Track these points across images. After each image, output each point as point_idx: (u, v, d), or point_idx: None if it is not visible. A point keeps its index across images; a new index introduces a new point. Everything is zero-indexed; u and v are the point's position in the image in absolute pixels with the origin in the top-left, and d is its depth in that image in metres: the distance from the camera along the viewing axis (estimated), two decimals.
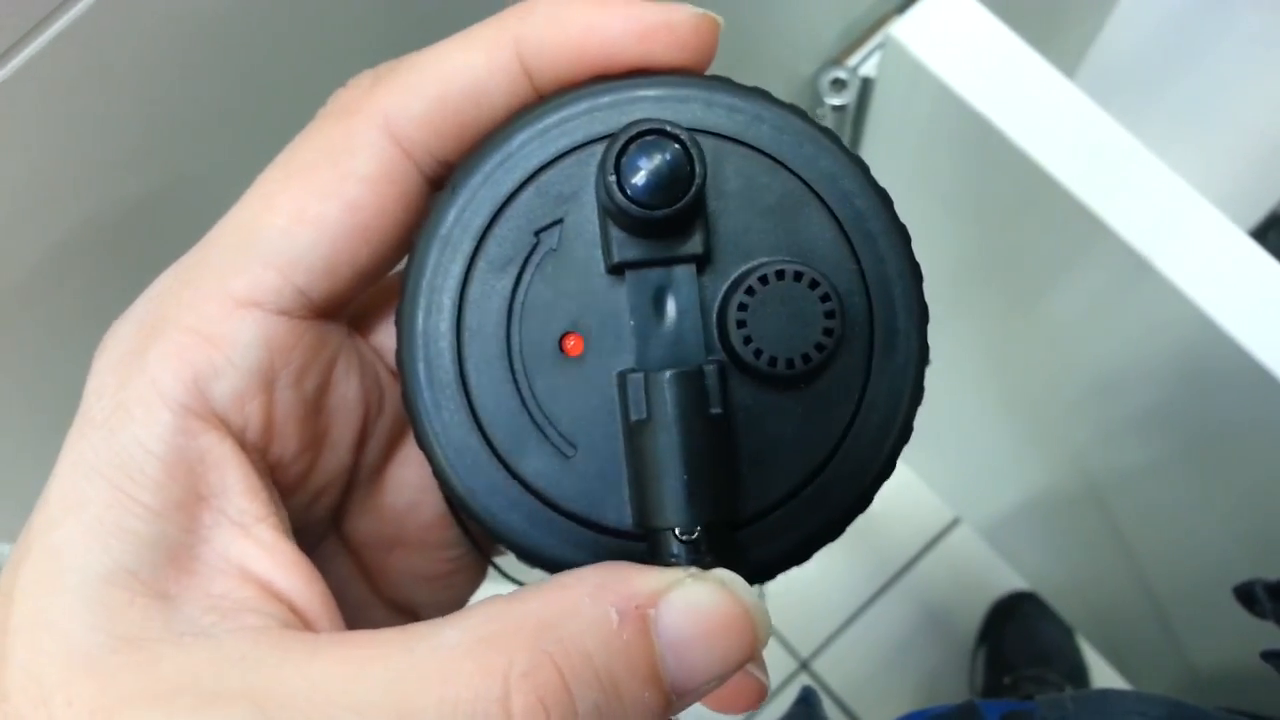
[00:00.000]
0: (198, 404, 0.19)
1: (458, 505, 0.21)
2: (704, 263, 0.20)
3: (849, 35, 0.65)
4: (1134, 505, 0.81)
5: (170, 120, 0.33)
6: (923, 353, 0.21)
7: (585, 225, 0.20)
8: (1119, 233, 0.55)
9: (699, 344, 0.20)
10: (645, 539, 0.20)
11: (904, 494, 1.20)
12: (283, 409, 0.21)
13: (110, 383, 0.20)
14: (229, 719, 0.17)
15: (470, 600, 0.28)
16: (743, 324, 0.20)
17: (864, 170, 0.21)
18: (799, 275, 0.19)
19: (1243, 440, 0.63)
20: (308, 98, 0.22)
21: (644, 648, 0.18)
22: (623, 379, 0.20)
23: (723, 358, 0.20)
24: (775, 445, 0.20)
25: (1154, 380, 0.65)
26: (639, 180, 0.18)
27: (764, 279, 0.20)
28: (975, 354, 0.86)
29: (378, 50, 0.22)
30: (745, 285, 0.20)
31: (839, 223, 0.21)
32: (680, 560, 0.19)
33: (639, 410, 0.19)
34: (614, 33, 0.20)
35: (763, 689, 0.20)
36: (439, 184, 0.21)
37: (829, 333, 0.19)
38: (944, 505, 1.23)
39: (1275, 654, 0.43)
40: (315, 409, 0.22)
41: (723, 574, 0.19)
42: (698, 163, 0.19)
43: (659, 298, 0.20)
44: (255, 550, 0.20)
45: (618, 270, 0.20)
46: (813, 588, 1.22)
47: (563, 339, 0.20)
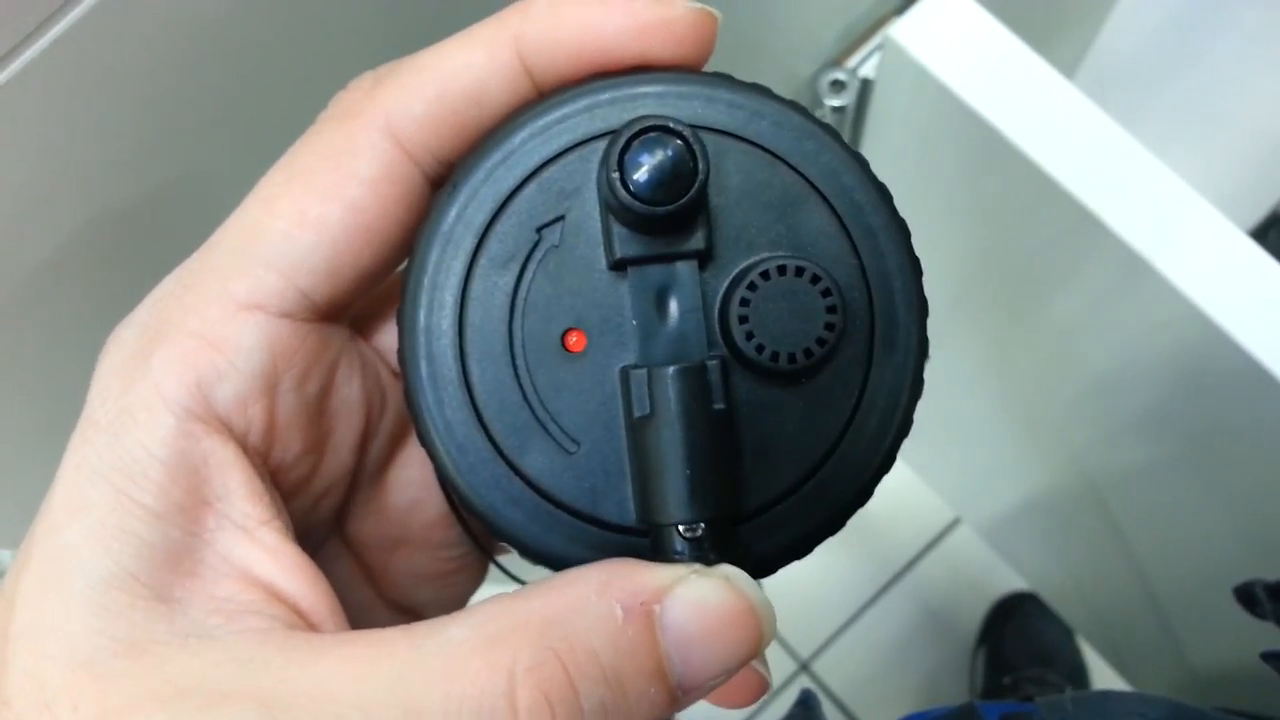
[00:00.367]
0: (201, 408, 0.20)
1: (460, 502, 0.21)
2: (706, 258, 0.20)
3: (848, 36, 0.65)
4: (1134, 505, 0.81)
5: (172, 123, 0.33)
6: (922, 347, 0.21)
7: (587, 222, 0.20)
8: (1118, 233, 0.55)
9: (701, 340, 0.20)
10: (648, 535, 0.20)
11: (904, 494, 1.20)
12: (285, 412, 0.21)
13: (114, 387, 0.20)
14: (236, 719, 0.17)
15: (472, 599, 0.28)
16: (745, 319, 0.20)
17: (863, 165, 0.21)
18: (800, 270, 0.20)
19: (1243, 440, 0.63)
20: (309, 100, 0.22)
21: (649, 644, 0.18)
22: (625, 375, 0.20)
23: (725, 353, 0.20)
24: (777, 440, 0.20)
25: (1154, 380, 0.65)
26: (642, 176, 0.19)
27: (765, 274, 0.20)
28: (976, 354, 0.86)
29: (378, 51, 0.22)
30: (747, 281, 0.20)
31: (839, 218, 0.21)
32: (684, 556, 0.19)
33: (642, 406, 0.19)
34: (613, 29, 0.20)
35: (764, 684, 0.20)
36: (440, 184, 0.21)
37: (830, 327, 0.20)
38: (944, 505, 1.23)
39: (1275, 655, 0.43)
40: (318, 412, 0.22)
41: (727, 570, 0.19)
42: (700, 159, 0.19)
43: (661, 294, 0.20)
44: (259, 553, 0.20)
45: (620, 266, 0.20)
46: (813, 588, 1.22)
47: (565, 335, 0.20)
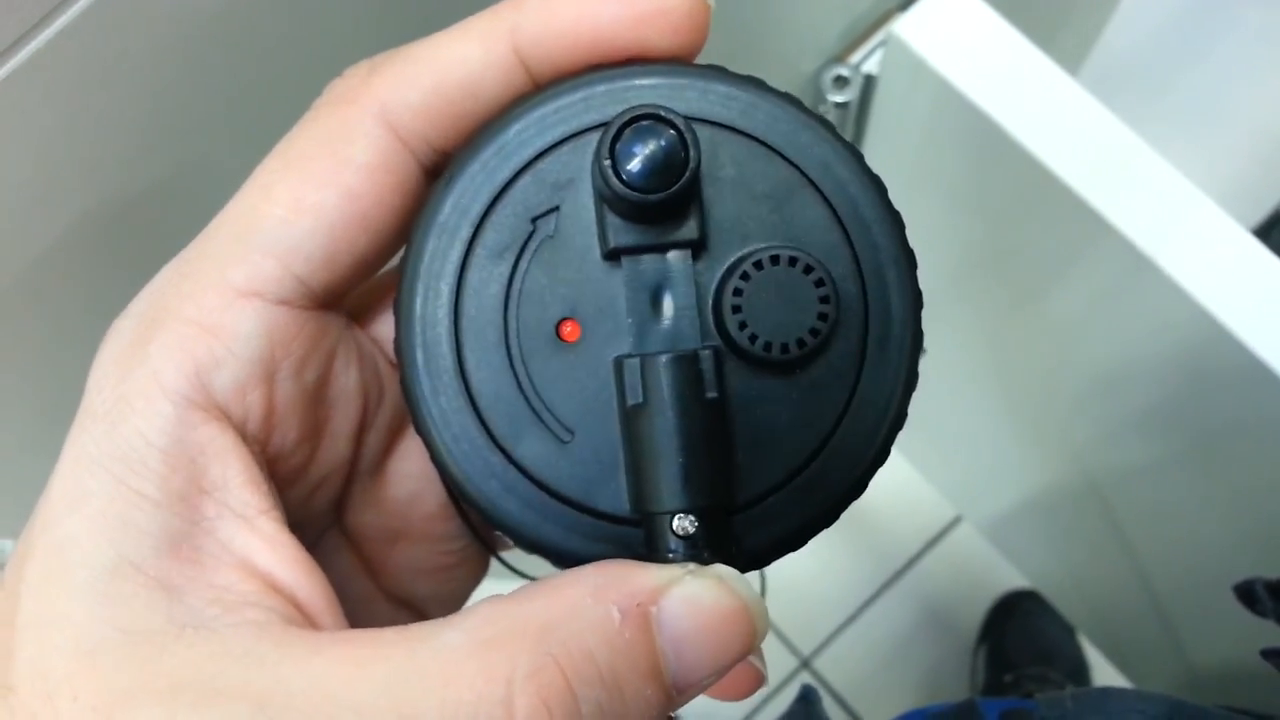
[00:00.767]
0: (199, 395, 0.20)
1: (455, 491, 0.21)
2: (699, 248, 0.20)
3: (851, 32, 0.65)
4: (1135, 503, 0.81)
5: (172, 115, 0.34)
6: (917, 339, 0.21)
7: (582, 212, 0.20)
8: (1122, 230, 0.55)
9: (694, 329, 0.20)
10: (642, 524, 0.20)
11: (905, 491, 1.20)
12: (283, 399, 0.21)
13: (112, 375, 0.20)
14: (230, 717, 0.17)
15: (473, 594, 0.28)
16: (738, 309, 0.20)
17: (858, 158, 0.21)
18: (794, 260, 0.20)
19: (1245, 439, 0.63)
20: (308, 91, 0.22)
21: (646, 645, 0.18)
22: (619, 364, 0.20)
23: (718, 343, 0.20)
24: (771, 430, 0.20)
25: (1156, 378, 0.65)
26: (634, 165, 0.19)
27: (759, 264, 0.20)
28: (977, 351, 0.86)
29: (376, 43, 0.22)
30: (740, 270, 0.20)
31: (833, 209, 0.21)
32: (678, 555, 0.19)
33: (635, 395, 0.19)
34: (607, 19, 0.20)
35: (760, 678, 0.20)
36: (436, 174, 0.21)
37: (824, 318, 0.20)
38: (945, 503, 1.23)
39: (1275, 652, 0.43)
40: (315, 400, 0.22)
41: (721, 569, 0.19)
42: (692, 148, 0.19)
43: (655, 283, 0.20)
44: (258, 542, 0.20)
45: (614, 256, 0.20)
46: (813, 585, 1.22)
47: (560, 325, 0.20)
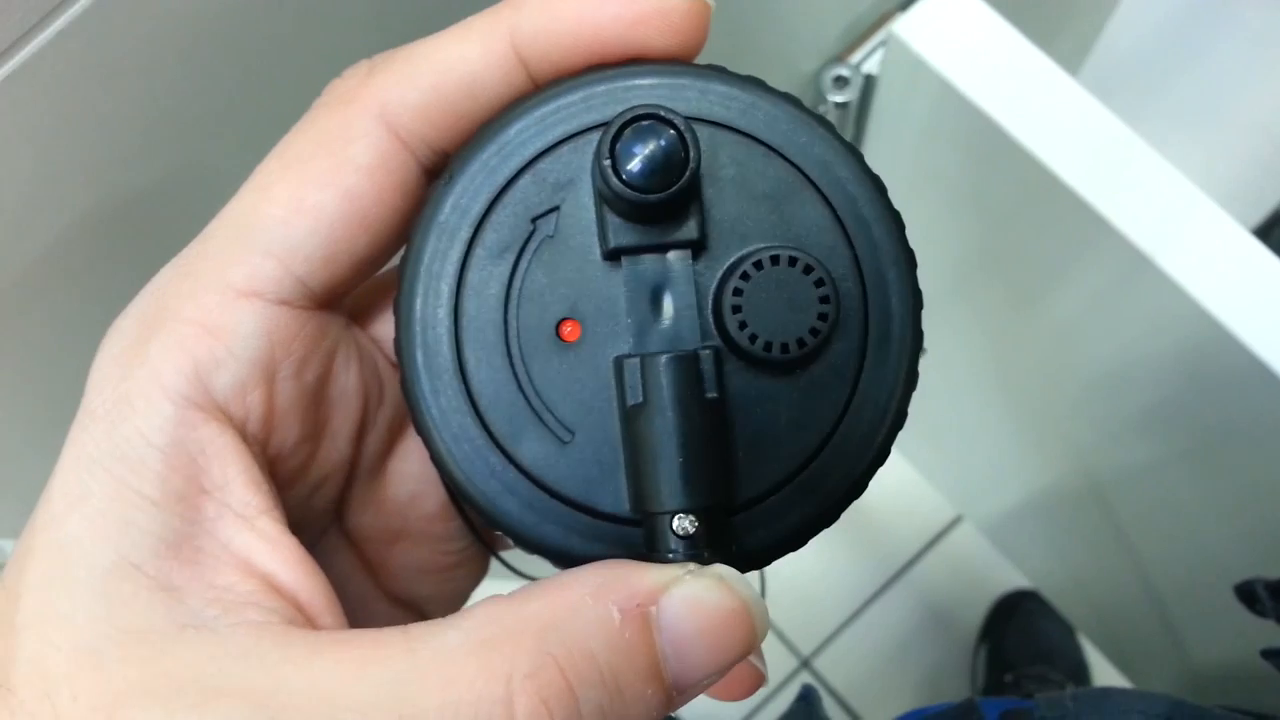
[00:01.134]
0: (199, 395, 0.19)
1: (455, 491, 0.21)
2: (699, 248, 0.20)
3: (852, 32, 0.65)
4: (1136, 503, 0.81)
5: (171, 115, 0.34)
6: (917, 339, 0.21)
7: (582, 212, 0.20)
8: (1122, 230, 0.55)
9: (695, 329, 0.20)
10: (642, 524, 0.20)
11: (905, 491, 1.20)
12: (283, 400, 0.21)
13: (112, 375, 0.20)
14: (230, 717, 0.17)
15: (473, 594, 0.28)
16: (738, 309, 0.20)
17: (858, 157, 0.21)
18: (794, 260, 0.20)
19: (1245, 438, 0.63)
20: (307, 91, 0.22)
21: (646, 645, 0.18)
22: (619, 364, 0.20)
23: (718, 343, 0.20)
24: (771, 430, 0.20)
25: (1156, 378, 0.65)
26: (634, 165, 0.19)
27: (759, 264, 0.20)
28: (977, 351, 0.86)
29: (376, 43, 0.22)
30: (740, 270, 0.20)
31: (833, 209, 0.21)
32: (678, 555, 0.19)
33: (635, 395, 0.19)
34: (607, 20, 0.20)
35: (760, 677, 0.20)
36: (436, 174, 0.21)
37: (824, 318, 0.19)
38: (946, 503, 1.23)
39: (1276, 652, 0.43)
40: (316, 400, 0.22)
41: (721, 569, 0.19)
42: (692, 147, 0.19)
43: (655, 283, 0.20)
44: (258, 543, 0.20)
45: (614, 256, 0.20)
46: (814, 586, 1.22)
47: (560, 325, 0.20)
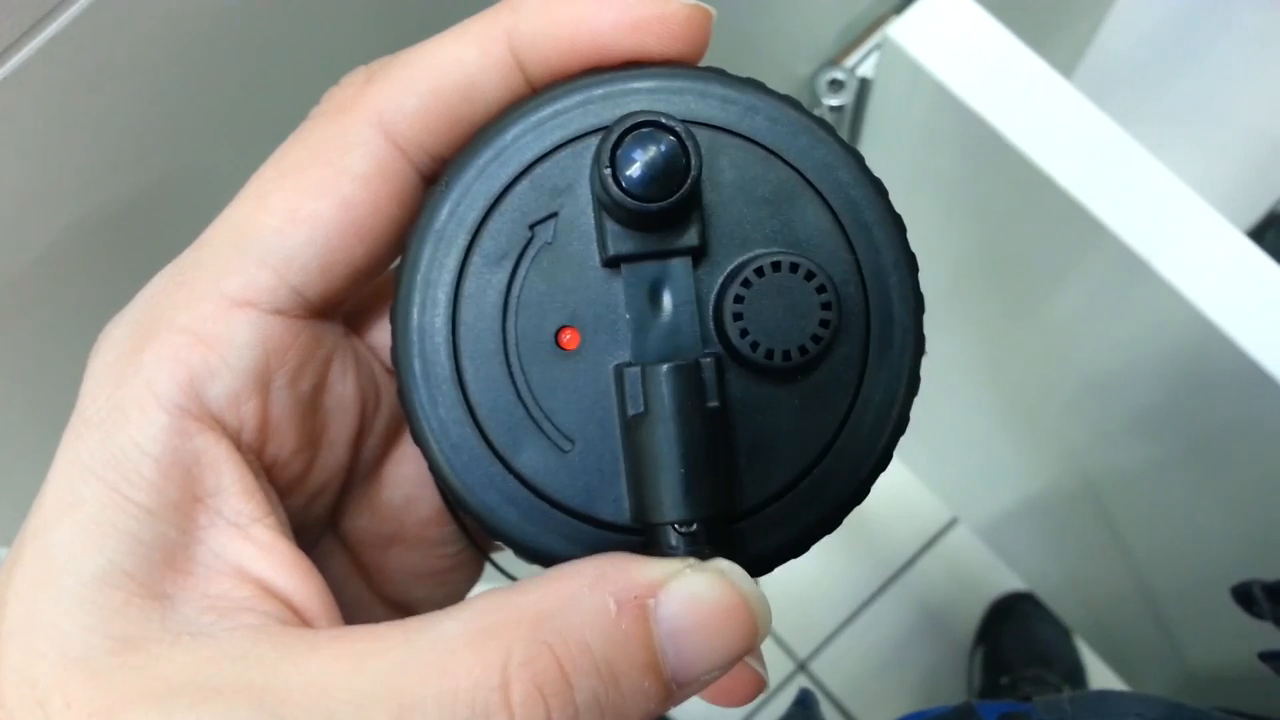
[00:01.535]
0: (193, 405, 0.19)
1: (454, 501, 0.21)
2: (700, 255, 0.20)
3: (846, 36, 0.65)
4: (1132, 506, 0.81)
5: (167, 120, 0.33)
6: (919, 343, 0.21)
7: (580, 218, 0.20)
8: (1116, 233, 0.55)
9: (695, 337, 0.20)
10: (643, 534, 0.19)
11: (902, 494, 1.20)
12: (279, 409, 0.21)
13: (106, 384, 0.19)
14: (228, 715, 0.17)
15: (468, 598, 0.28)
16: (739, 316, 0.19)
17: (859, 160, 0.21)
18: (795, 267, 0.19)
19: (1240, 441, 0.63)
20: (304, 97, 0.22)
21: (643, 638, 0.18)
22: (619, 373, 0.20)
23: (719, 350, 0.20)
24: (772, 438, 0.20)
25: (1151, 380, 0.65)
26: (634, 173, 0.18)
27: (760, 271, 0.19)
28: (973, 354, 0.86)
29: (374, 47, 0.22)
30: (741, 277, 0.19)
31: (834, 213, 0.20)
32: (679, 551, 0.19)
33: (636, 404, 0.19)
34: (606, 25, 0.20)
35: (761, 682, 0.20)
36: (433, 180, 0.21)
37: (825, 324, 0.19)
38: (942, 505, 1.23)
39: (1273, 655, 0.43)
40: (311, 409, 0.22)
41: (722, 564, 0.19)
42: (693, 155, 0.19)
43: (655, 291, 0.20)
44: (252, 550, 0.20)
45: (613, 263, 0.20)
46: (810, 588, 1.22)
47: (559, 333, 0.20)
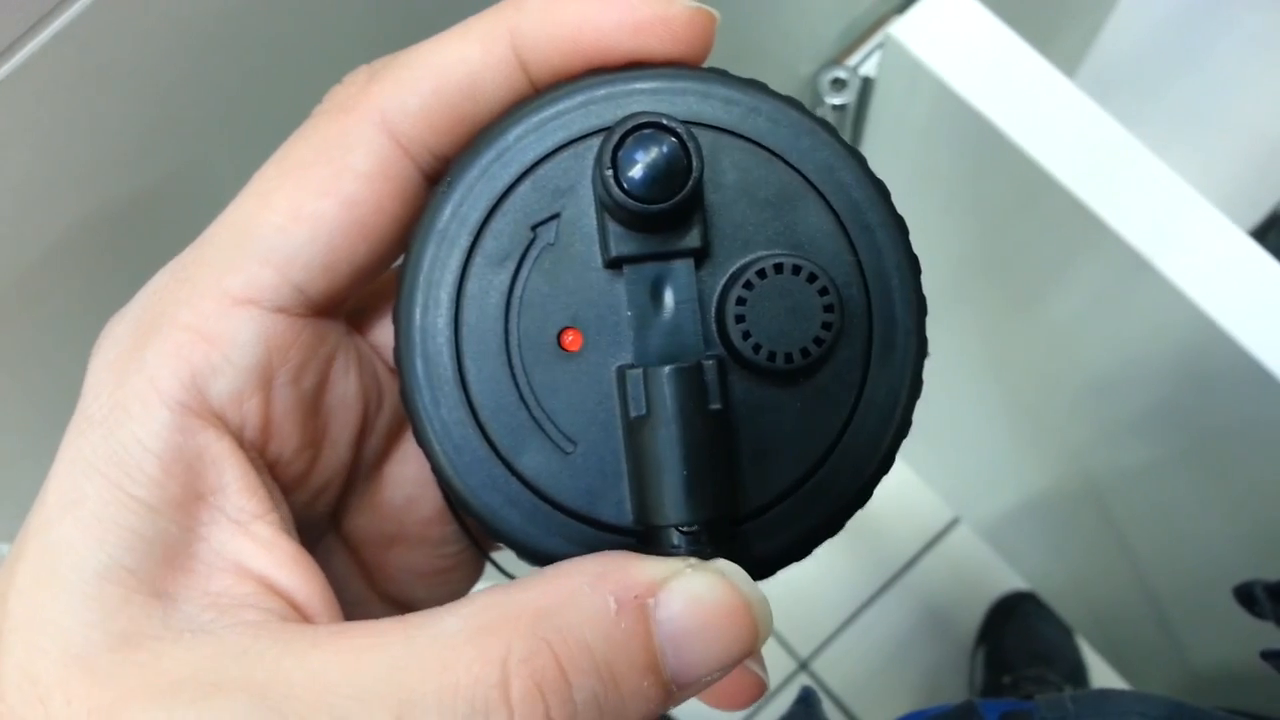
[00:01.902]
0: (196, 402, 0.19)
1: (456, 502, 0.21)
2: (702, 257, 0.20)
3: (849, 35, 0.65)
4: (1133, 505, 0.81)
5: (168, 119, 0.33)
6: (921, 345, 0.21)
7: (582, 219, 0.20)
8: (1119, 232, 0.55)
9: (698, 339, 0.20)
10: (645, 536, 0.19)
11: (903, 493, 1.20)
12: (281, 407, 0.21)
13: (108, 381, 0.19)
14: (229, 711, 0.17)
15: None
16: (741, 318, 0.19)
17: (861, 162, 0.21)
18: (797, 269, 0.19)
19: (1242, 440, 0.63)
20: (306, 96, 0.22)
21: (643, 638, 0.18)
22: (622, 374, 0.20)
23: (722, 352, 0.20)
24: (775, 440, 0.20)
25: (1153, 380, 0.65)
26: (636, 174, 0.18)
27: (762, 273, 0.19)
28: (975, 353, 0.86)
29: (376, 46, 0.22)
30: (743, 279, 0.19)
31: (836, 215, 0.20)
32: (680, 551, 0.19)
33: (638, 406, 0.19)
34: (609, 26, 0.20)
35: (762, 685, 0.20)
36: (436, 180, 0.21)
37: (828, 326, 0.19)
38: (943, 505, 1.23)
39: (1275, 654, 0.43)
40: (314, 407, 0.22)
41: (723, 565, 0.19)
42: (695, 156, 0.18)
43: (657, 292, 0.20)
44: (253, 547, 0.20)
45: (615, 265, 0.20)
46: (812, 588, 1.22)
47: (561, 334, 0.20)
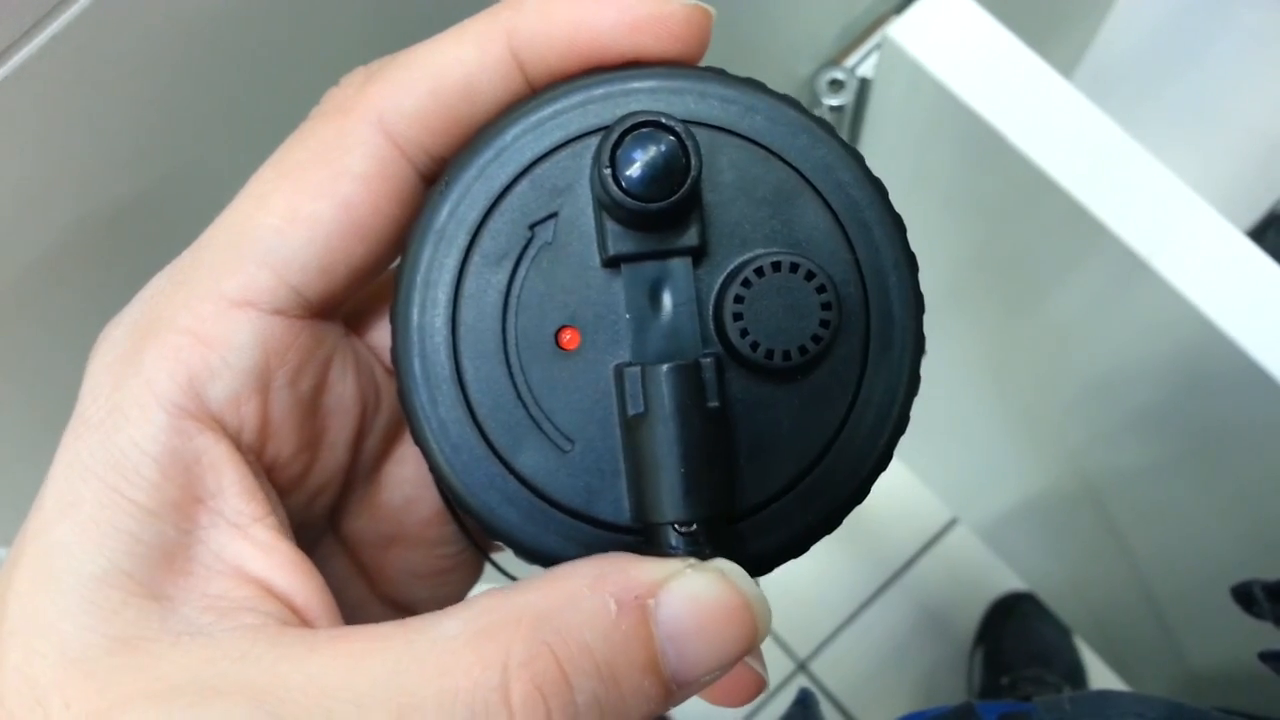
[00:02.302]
0: (193, 405, 0.19)
1: (454, 501, 0.21)
2: (700, 255, 0.20)
3: (847, 36, 0.65)
4: (1132, 505, 0.81)
5: (167, 121, 0.33)
6: (919, 343, 0.21)
7: (580, 218, 0.20)
8: (1116, 233, 0.55)
9: (695, 337, 0.20)
10: (643, 534, 0.19)
11: (902, 494, 1.20)
12: (279, 409, 0.21)
13: (105, 384, 0.19)
14: (228, 715, 0.17)
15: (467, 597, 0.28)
16: (739, 316, 0.19)
17: (859, 160, 0.21)
18: (795, 267, 0.19)
19: (1240, 441, 0.63)
20: (304, 97, 0.22)
21: (643, 638, 0.18)
22: (619, 373, 0.20)
23: (719, 350, 0.20)
24: (772, 438, 0.20)
25: (1151, 380, 0.65)
26: (634, 173, 0.18)
27: (760, 271, 0.19)
28: (973, 354, 0.86)
29: (374, 48, 0.22)
30: (741, 277, 0.19)
31: (834, 213, 0.20)
32: (679, 551, 0.19)
33: (636, 404, 0.19)
34: (606, 25, 0.20)
35: (761, 682, 0.20)
36: (433, 180, 0.21)
37: (825, 324, 0.19)
38: (942, 505, 1.23)
39: (1273, 655, 0.43)
40: (311, 409, 0.22)
41: (722, 564, 0.19)
42: (693, 155, 0.19)
43: (655, 291, 0.20)
44: (251, 550, 0.20)
45: (613, 263, 0.20)
46: (810, 588, 1.22)
47: (559, 333, 0.20)
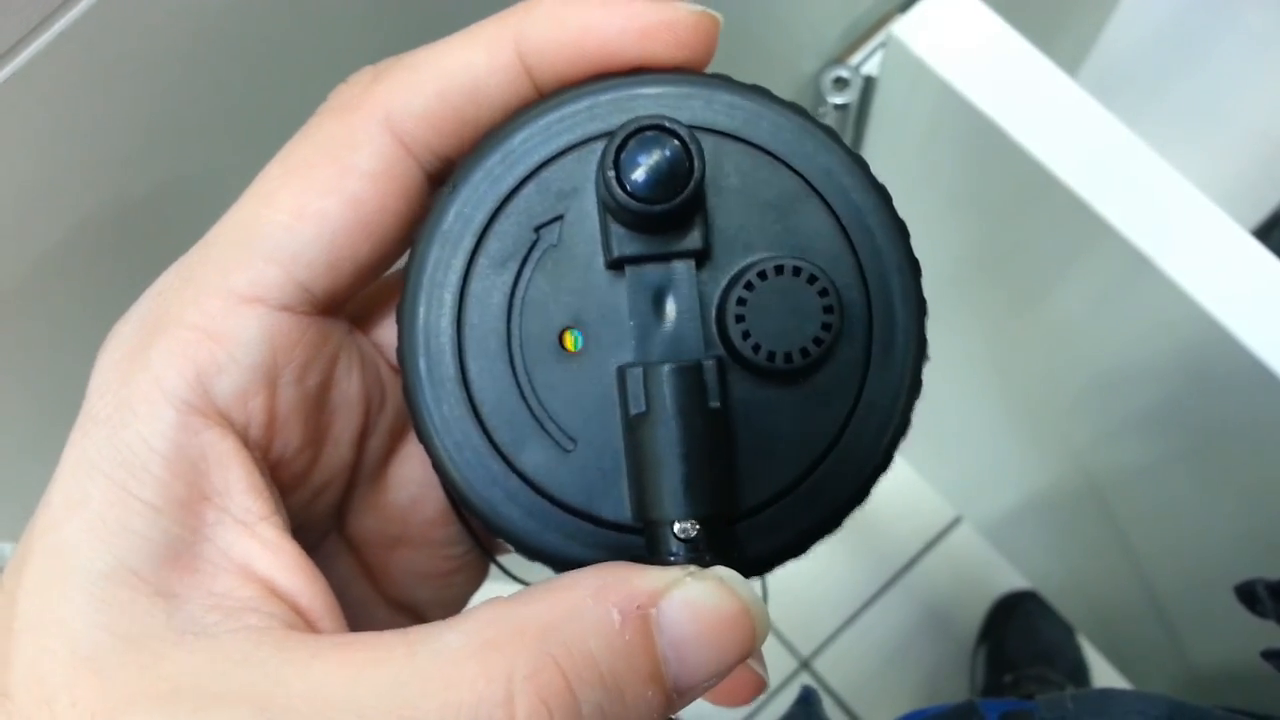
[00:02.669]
0: (201, 401, 0.20)
1: (457, 499, 0.21)
2: (703, 258, 0.20)
3: (851, 34, 0.64)
4: (1135, 504, 0.81)
5: (173, 119, 0.33)
6: (921, 347, 0.21)
7: (585, 221, 0.20)
8: (1121, 231, 0.55)
9: (698, 339, 0.20)
10: (644, 533, 0.20)
11: (905, 492, 1.20)
12: (285, 405, 0.21)
13: (113, 380, 0.20)
14: None
15: (472, 598, 0.28)
16: (741, 319, 0.20)
17: (863, 167, 0.21)
18: (797, 270, 0.20)
19: (1245, 439, 0.63)
20: (310, 96, 0.22)
21: (646, 647, 0.18)
22: (622, 373, 0.20)
23: (722, 352, 0.20)
24: (774, 439, 0.20)
25: (1156, 379, 0.65)
26: (638, 175, 0.19)
27: (763, 274, 0.20)
28: (977, 352, 0.86)
29: (380, 49, 0.22)
30: (744, 280, 0.20)
31: (837, 218, 0.21)
32: (679, 558, 0.19)
33: (638, 404, 0.19)
34: (614, 31, 0.20)
35: (761, 682, 0.20)
36: (439, 181, 0.21)
37: (827, 327, 0.20)
38: (945, 504, 1.23)
39: (1276, 653, 0.43)
40: (317, 405, 0.22)
41: (721, 572, 0.19)
42: (697, 158, 0.19)
43: (658, 293, 0.20)
44: (258, 549, 0.20)
45: (617, 266, 0.20)
46: (813, 587, 1.22)
47: (562, 334, 0.20)
